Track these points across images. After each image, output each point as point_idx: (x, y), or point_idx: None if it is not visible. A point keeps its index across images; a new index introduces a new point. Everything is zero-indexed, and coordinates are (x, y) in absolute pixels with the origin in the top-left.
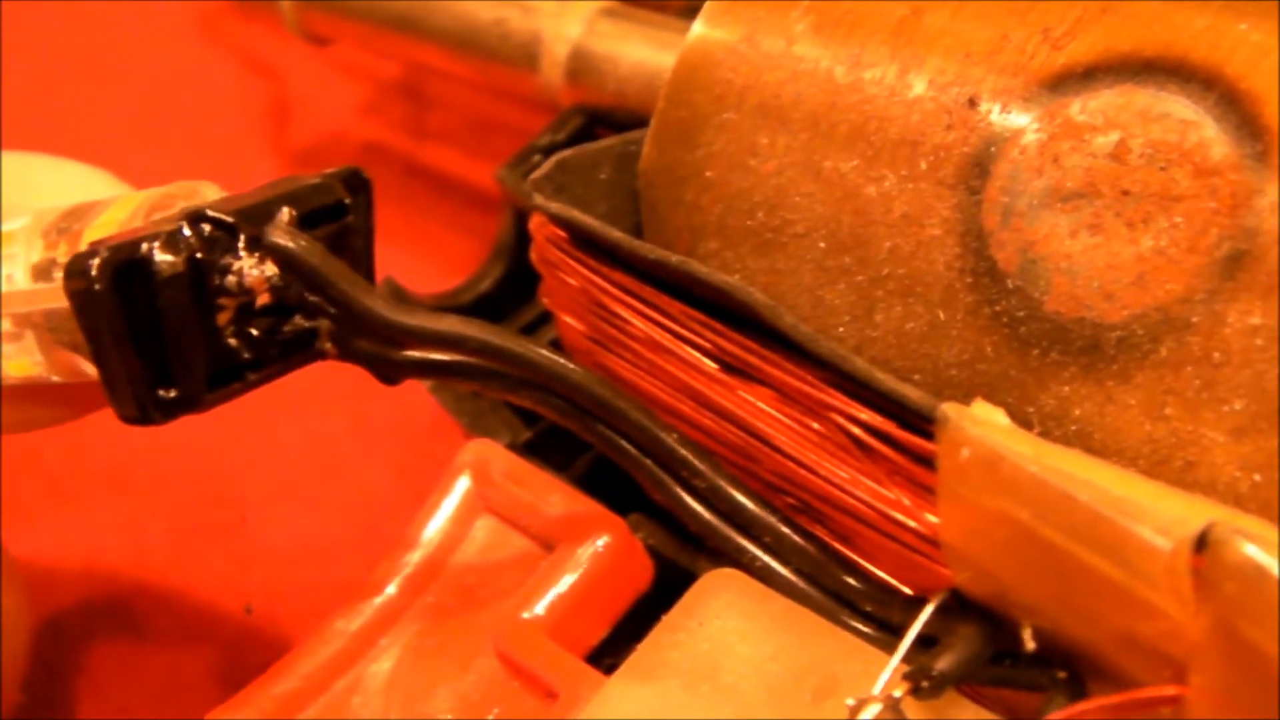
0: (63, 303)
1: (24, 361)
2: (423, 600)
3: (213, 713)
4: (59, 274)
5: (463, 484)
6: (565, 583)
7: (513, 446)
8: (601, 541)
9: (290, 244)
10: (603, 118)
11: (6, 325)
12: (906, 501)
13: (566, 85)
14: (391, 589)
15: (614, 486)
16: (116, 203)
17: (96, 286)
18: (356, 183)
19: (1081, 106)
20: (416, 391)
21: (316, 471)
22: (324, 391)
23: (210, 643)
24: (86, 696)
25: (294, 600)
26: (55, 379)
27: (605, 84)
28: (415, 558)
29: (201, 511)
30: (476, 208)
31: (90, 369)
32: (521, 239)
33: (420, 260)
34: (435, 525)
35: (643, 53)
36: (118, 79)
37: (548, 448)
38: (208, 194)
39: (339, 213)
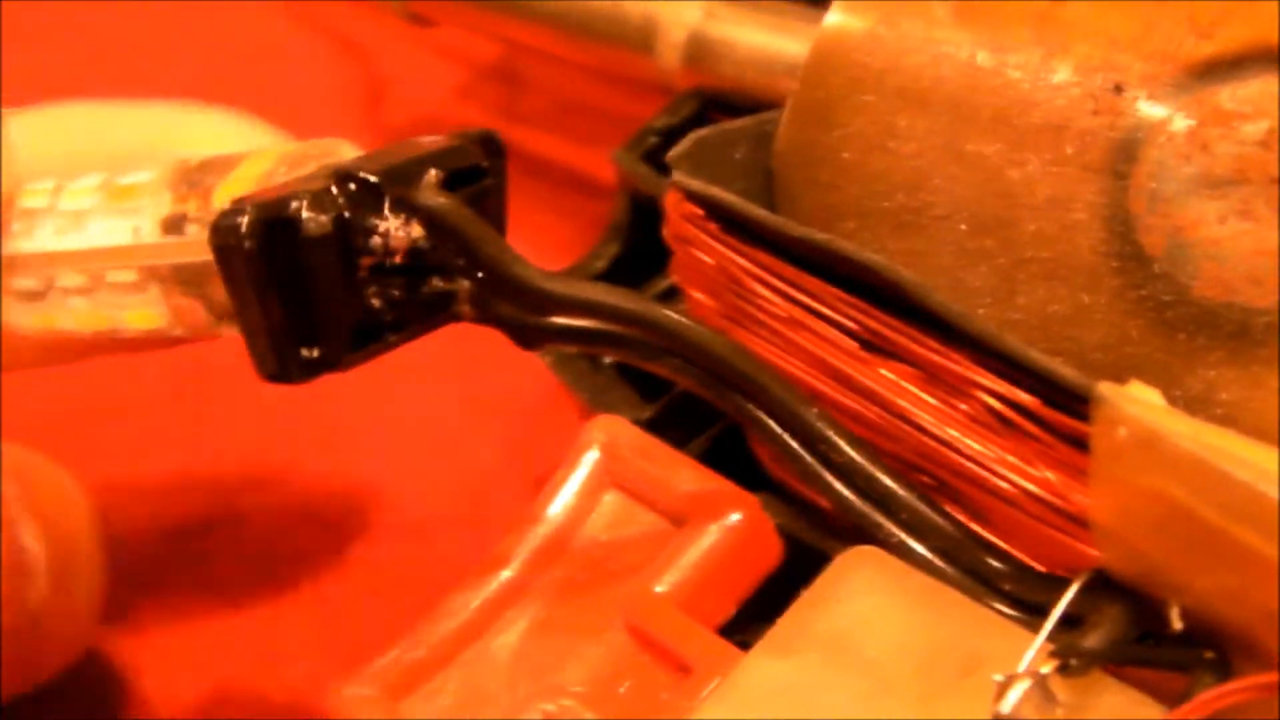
0: (194, 257)
1: (148, 313)
2: (550, 574)
3: (341, 679)
4: (192, 228)
5: (591, 458)
6: (698, 558)
7: (634, 424)
8: (734, 518)
9: (442, 206)
10: (717, 101)
11: (132, 276)
12: (1054, 480)
13: (682, 69)
14: (518, 562)
15: (732, 468)
16: (250, 158)
17: (246, 244)
18: (492, 146)
19: (1230, 94)
20: (525, 369)
21: (426, 446)
22: (434, 367)
23: (314, 615)
24: (185, 667)
25: (400, 574)
26: (177, 333)
27: (722, 68)
28: (542, 531)
29: (307, 486)
30: (574, 191)
31: (217, 325)
32: (636, 220)
33: (518, 244)
34: (563, 499)
35: (761, 37)
36: (211, 56)
37: (667, 425)
38: (344, 152)
39: (477, 176)
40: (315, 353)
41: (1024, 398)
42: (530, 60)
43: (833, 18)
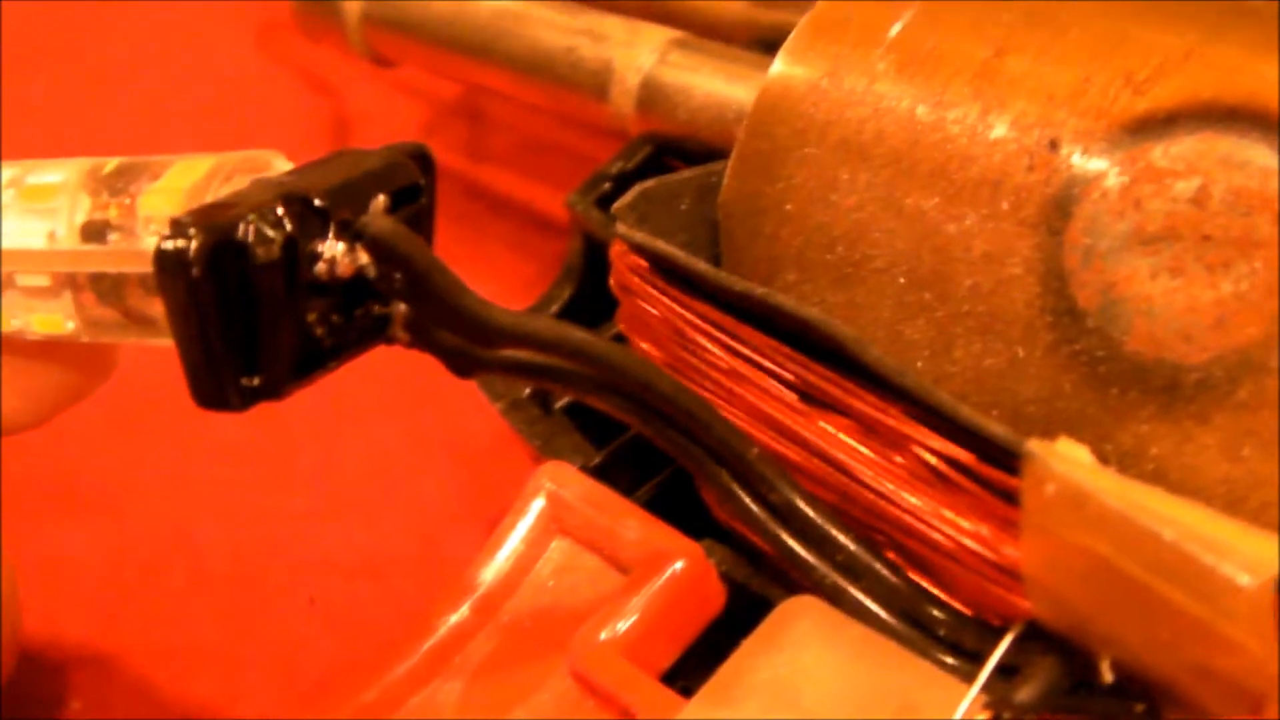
0: (116, 267)
1: (56, 318)
2: (497, 620)
3: None
4: (114, 236)
5: (538, 505)
6: (642, 606)
7: (583, 469)
8: (678, 566)
9: (393, 234)
10: (672, 147)
11: (45, 281)
12: (986, 533)
13: (637, 114)
14: (465, 608)
15: (680, 513)
16: (176, 167)
17: (194, 271)
18: (426, 162)
19: (1163, 152)
20: (476, 410)
21: (374, 487)
22: (386, 407)
23: (264, 656)
24: (137, 709)
25: (350, 614)
26: (84, 339)
27: (676, 114)
28: (489, 578)
29: (257, 524)
30: (535, 230)
31: (133, 333)
32: (590, 263)
33: (477, 282)
34: (510, 546)
35: (714, 84)
36: (175, 93)
37: (616, 471)
38: (277, 164)
39: (413, 195)
40: (256, 381)
41: (958, 453)
42: (493, 99)
43: (777, 67)
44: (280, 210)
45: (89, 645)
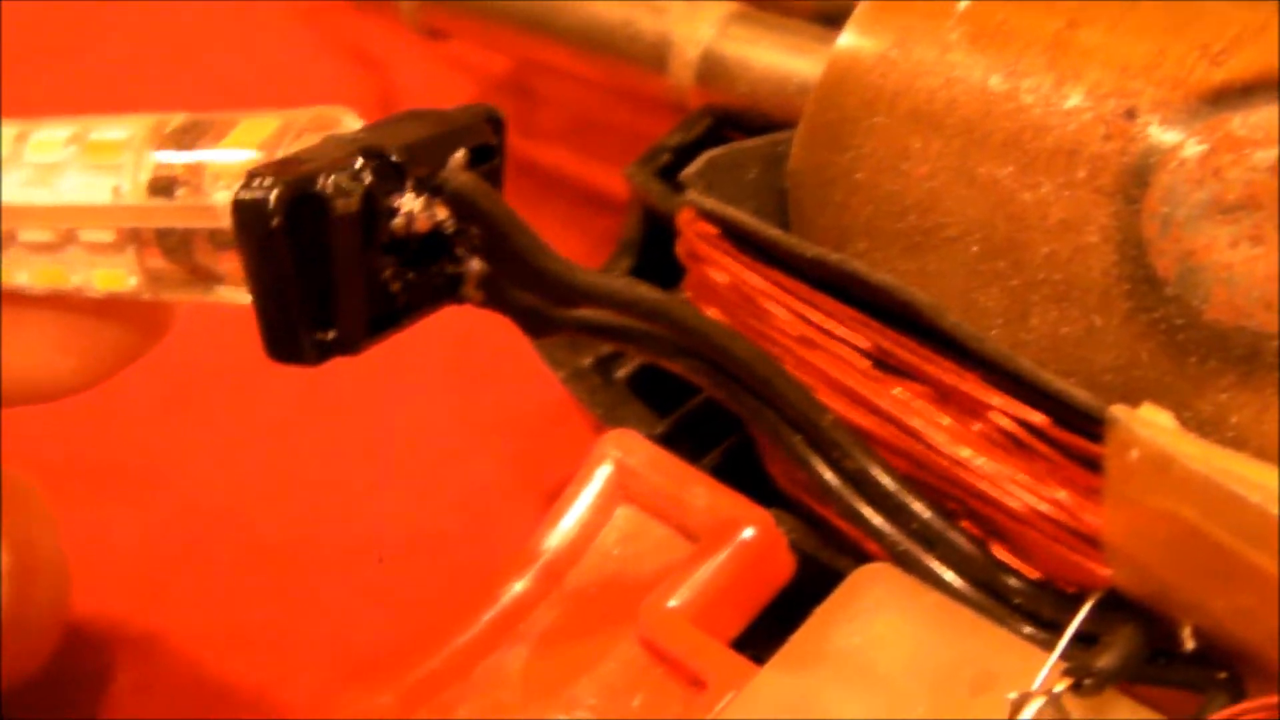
0: (184, 222)
1: (119, 274)
2: (562, 588)
3: (350, 691)
4: (181, 190)
5: (604, 473)
6: (712, 573)
7: (648, 438)
8: (748, 533)
9: (473, 189)
10: (731, 119)
11: (109, 237)
12: (1066, 500)
13: (696, 87)
14: (530, 576)
15: (743, 483)
16: (246, 122)
17: (273, 221)
18: (498, 123)
19: (1242, 121)
20: (532, 381)
21: (433, 460)
22: (440, 381)
23: (322, 631)
24: (188, 680)
25: (405, 589)
26: (145, 296)
27: (736, 87)
28: (554, 544)
29: (311, 497)
30: (587, 206)
31: (198, 291)
32: (648, 236)
33: None
34: (575, 514)
35: (775, 57)
36: (225, 65)
37: (680, 440)
38: (348, 122)
39: (487, 155)
40: (331, 335)
41: (1036, 418)
42: (544, 75)
43: (846, 39)
44: (359, 164)
45: (136, 622)
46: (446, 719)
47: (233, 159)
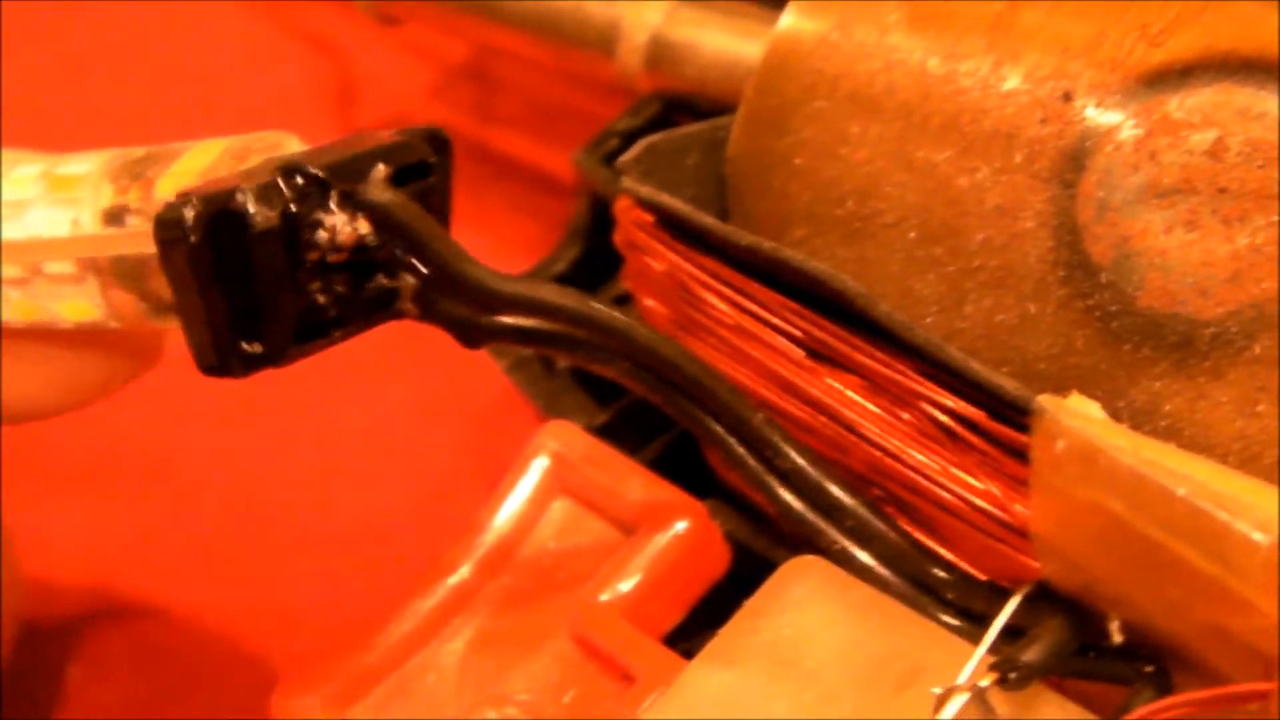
0: (134, 249)
1: (84, 304)
2: (497, 581)
3: (286, 685)
4: (133, 220)
5: (540, 465)
6: (644, 567)
7: (587, 429)
8: (681, 526)
9: (390, 202)
10: (680, 104)
11: (70, 268)
12: (996, 491)
13: (644, 71)
14: (466, 569)
15: (684, 473)
16: (194, 150)
17: (191, 238)
18: (439, 142)
19: (1179, 104)
20: (480, 371)
21: (378, 449)
22: (388, 369)
23: (269, 620)
24: (139, 677)
25: (354, 578)
26: (113, 325)
27: (684, 71)
28: (490, 539)
29: (260, 487)
30: (543, 192)
31: (154, 319)
32: (597, 222)
33: (484, 243)
34: (511, 506)
35: (723, 41)
36: (179, 54)
37: (621, 431)
38: (290, 145)
39: (423, 172)
40: (257, 347)
41: (968, 409)
42: (502, 60)
43: (787, 20)
44: (280, 182)
45: (89, 616)
46: (379, 718)
47: (178, 186)
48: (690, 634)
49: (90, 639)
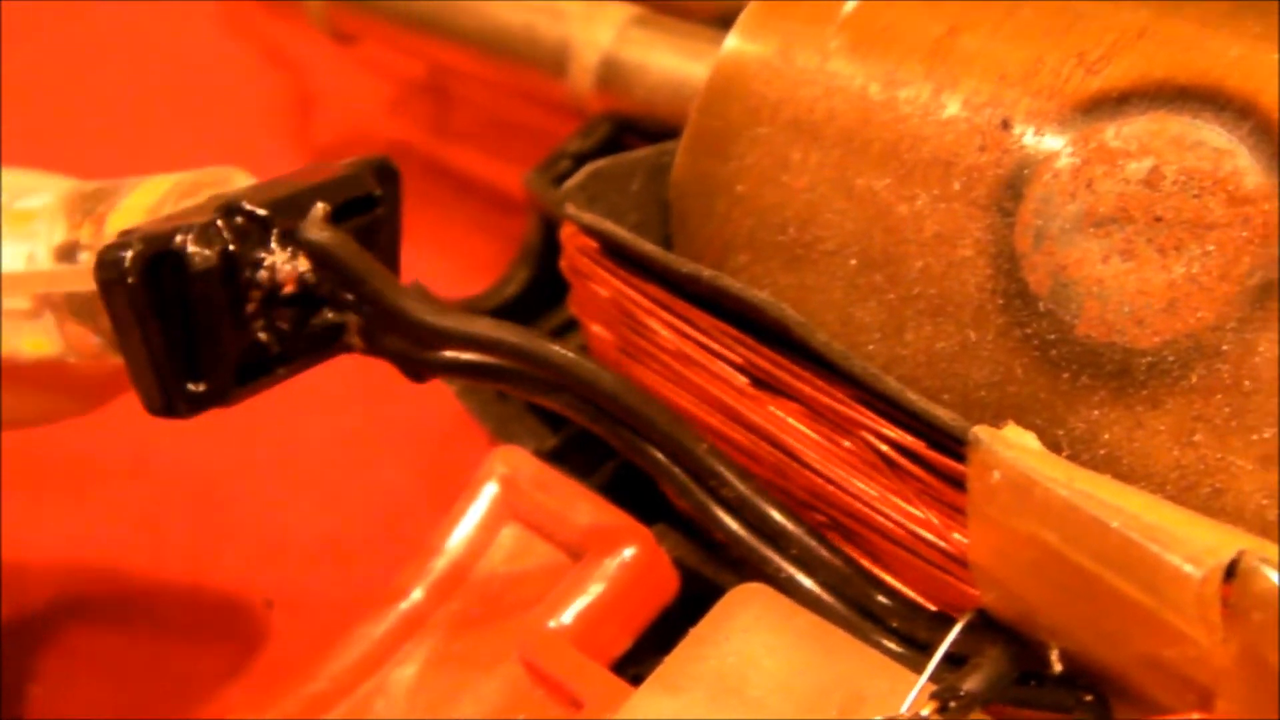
0: (85, 286)
1: (41, 340)
2: (448, 607)
3: (237, 713)
4: (83, 255)
5: (490, 490)
6: (592, 593)
7: (538, 453)
8: (629, 552)
9: (327, 241)
10: (631, 125)
11: (26, 304)
12: (935, 520)
13: (595, 92)
14: (417, 594)
15: (637, 495)
16: (143, 186)
17: (129, 280)
18: (386, 173)
19: (1116, 132)
20: (437, 394)
21: (335, 470)
22: (343, 391)
23: (226, 640)
24: (101, 692)
25: (311, 598)
26: (71, 360)
27: (634, 92)
28: (441, 564)
29: (219, 508)
30: (499, 209)
31: (110, 354)
32: (548, 244)
33: (441, 261)
34: (461, 532)
35: (672, 62)
36: (137, 72)
37: (572, 455)
38: (238, 181)
39: (369, 204)
40: (201, 387)
41: (906, 438)
42: (459, 78)
43: (731, 43)
44: (220, 221)
45: (52, 633)
46: None
47: (126, 222)
48: (641, 658)
49: (62, 641)
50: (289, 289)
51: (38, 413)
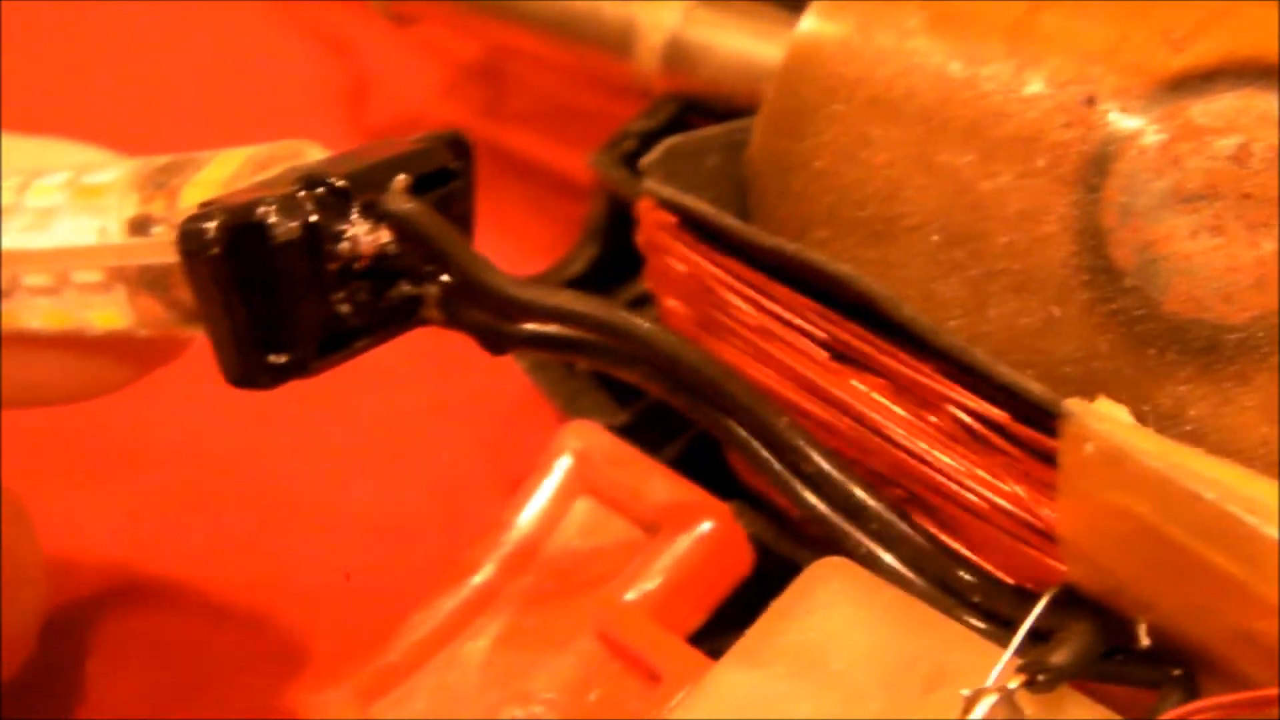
0: (159, 258)
1: (112, 313)
2: (521, 581)
3: (309, 680)
4: (157, 229)
5: (563, 464)
6: (670, 566)
7: (608, 429)
8: (706, 526)
9: (410, 211)
10: (695, 105)
11: (98, 276)
12: (1022, 494)
13: (661, 73)
14: (489, 569)
15: (705, 475)
16: (217, 159)
17: (213, 250)
18: (459, 147)
19: (1203, 109)
20: (501, 371)
21: (402, 449)
22: (409, 369)
23: (291, 616)
24: (160, 669)
25: (376, 576)
26: (142, 333)
27: (700, 72)
28: (513, 538)
29: (285, 487)
30: (556, 192)
31: (181, 327)
32: (614, 223)
33: (499, 243)
34: (534, 506)
35: (740, 42)
36: (192, 53)
37: (642, 431)
38: (311, 154)
39: (445, 178)
40: (283, 358)
41: (993, 412)
42: (514, 59)
43: (807, 24)
44: (302, 193)
45: (110, 606)
46: (402, 714)
47: (201, 195)
48: (714, 635)
49: (111, 629)
50: (367, 262)
51: (103, 383)
